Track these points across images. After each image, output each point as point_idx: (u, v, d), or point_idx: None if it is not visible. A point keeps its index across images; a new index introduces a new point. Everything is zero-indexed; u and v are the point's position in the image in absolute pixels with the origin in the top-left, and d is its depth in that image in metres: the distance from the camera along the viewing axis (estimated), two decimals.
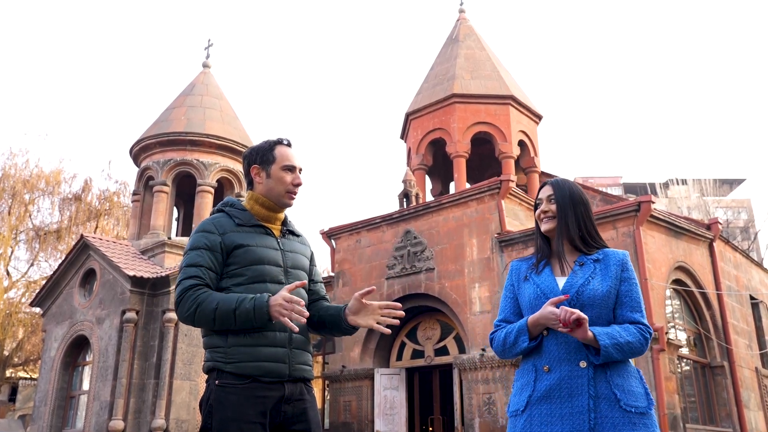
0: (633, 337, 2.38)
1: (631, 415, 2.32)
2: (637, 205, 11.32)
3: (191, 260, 2.59)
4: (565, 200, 2.60)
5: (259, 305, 2.43)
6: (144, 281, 13.85)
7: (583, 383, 2.35)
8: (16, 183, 24.61)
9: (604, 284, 2.46)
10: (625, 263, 2.53)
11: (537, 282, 2.55)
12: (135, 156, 17.01)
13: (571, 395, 2.35)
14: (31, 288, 25.18)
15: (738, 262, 14.94)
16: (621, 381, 2.37)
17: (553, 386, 2.39)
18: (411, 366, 14.15)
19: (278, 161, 2.75)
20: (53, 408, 14.69)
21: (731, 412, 12.55)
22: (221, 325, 2.47)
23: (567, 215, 2.58)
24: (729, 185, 47.80)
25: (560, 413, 2.35)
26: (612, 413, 2.32)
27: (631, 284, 2.50)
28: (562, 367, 2.39)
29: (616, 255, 2.54)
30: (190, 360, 13.74)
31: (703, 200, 35.10)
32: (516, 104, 16.50)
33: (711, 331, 12.92)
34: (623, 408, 2.32)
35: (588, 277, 2.48)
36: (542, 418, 2.38)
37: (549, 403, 2.38)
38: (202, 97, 17.20)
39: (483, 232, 12.97)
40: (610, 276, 2.48)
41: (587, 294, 2.44)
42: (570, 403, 2.34)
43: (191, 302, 2.49)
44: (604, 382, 2.35)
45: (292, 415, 2.56)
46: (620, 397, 2.33)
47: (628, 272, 2.51)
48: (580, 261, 2.54)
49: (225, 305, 2.45)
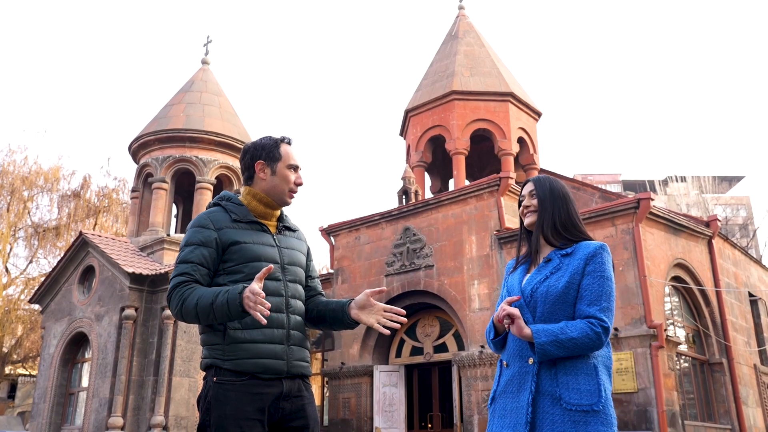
0: (578, 333, 2.32)
1: (573, 413, 2.28)
2: (637, 203, 11.32)
3: (183, 257, 2.60)
4: (545, 194, 2.62)
5: (232, 298, 2.37)
6: (143, 278, 13.85)
7: (528, 379, 2.38)
8: (15, 180, 24.58)
9: (561, 280, 2.43)
10: (594, 256, 2.44)
11: (507, 281, 2.65)
12: (134, 153, 16.99)
13: (519, 390, 2.40)
14: (30, 285, 25.16)
15: (737, 260, 14.95)
16: (567, 378, 2.34)
17: (509, 381, 2.46)
18: (410, 363, 14.16)
19: (284, 159, 2.75)
20: (52, 405, 14.69)
21: (730, 408, 12.57)
22: (205, 319, 2.46)
23: (545, 209, 2.60)
24: (728, 182, 47.83)
25: (511, 407, 2.41)
26: (552, 410, 2.31)
27: (594, 277, 2.41)
28: (515, 363, 2.46)
29: (587, 248, 2.48)
30: (189, 357, 13.74)
31: (702, 197, 35.09)
32: (515, 101, 16.49)
33: (710, 328, 12.94)
34: (563, 406, 2.30)
35: (548, 273, 2.48)
36: (498, 411, 2.47)
37: (504, 397, 2.46)
38: (201, 93, 17.17)
39: (482, 230, 12.97)
40: (570, 271, 2.44)
41: (540, 291, 2.45)
42: (517, 398, 2.40)
43: (177, 299, 2.50)
44: (549, 379, 2.35)
45: (290, 411, 2.55)
46: (562, 395, 2.31)
47: (594, 265, 2.43)
48: (548, 257, 2.55)
49: (204, 300, 2.43)
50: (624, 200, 12.09)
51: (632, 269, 11.08)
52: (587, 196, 16.23)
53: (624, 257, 11.21)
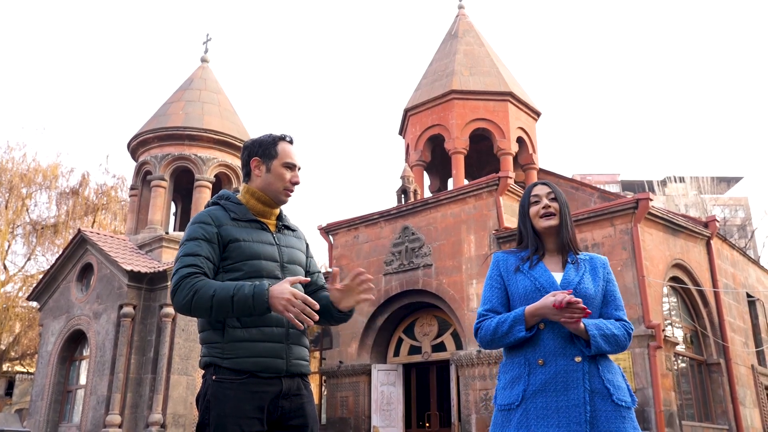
0: (618, 331, 2.49)
1: (622, 408, 2.42)
2: (635, 203, 11.33)
3: (189, 250, 2.55)
4: (563, 200, 2.72)
5: (258, 293, 2.37)
6: (141, 276, 13.84)
7: (579, 377, 2.41)
8: (14, 177, 24.52)
9: (593, 284, 2.59)
10: (608, 266, 2.71)
11: (534, 276, 2.59)
12: (133, 150, 16.97)
13: (567, 389, 2.40)
14: (28, 282, 25.11)
15: (735, 260, 14.97)
16: (611, 376, 2.47)
17: (549, 380, 2.43)
18: (408, 362, 14.17)
19: (280, 157, 2.74)
20: (50, 402, 14.68)
21: (727, 409, 12.59)
22: (218, 313, 2.42)
23: (566, 215, 2.69)
24: (726, 183, 47.85)
25: (556, 406, 2.39)
26: (605, 407, 2.40)
27: (615, 286, 2.66)
28: (557, 361, 2.44)
29: (600, 259, 2.71)
30: (187, 355, 13.73)
31: (700, 198, 35.12)
32: (515, 101, 16.49)
33: (708, 328, 12.96)
34: (615, 402, 2.41)
35: (582, 275, 2.58)
36: (538, 411, 2.41)
37: (545, 396, 2.42)
38: (200, 91, 17.16)
39: (481, 229, 12.97)
40: (598, 277, 2.62)
41: (582, 291, 2.52)
42: (566, 396, 2.39)
43: (188, 290, 2.44)
44: (597, 377, 2.44)
45: (289, 410, 2.55)
46: (612, 391, 2.42)
47: (611, 275, 2.68)
48: (572, 259, 2.63)
49: (222, 292, 2.39)
50: (623, 200, 12.10)
51: (631, 269, 11.10)
52: (586, 196, 16.23)
53: (622, 257, 11.22)
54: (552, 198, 2.70)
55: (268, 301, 2.36)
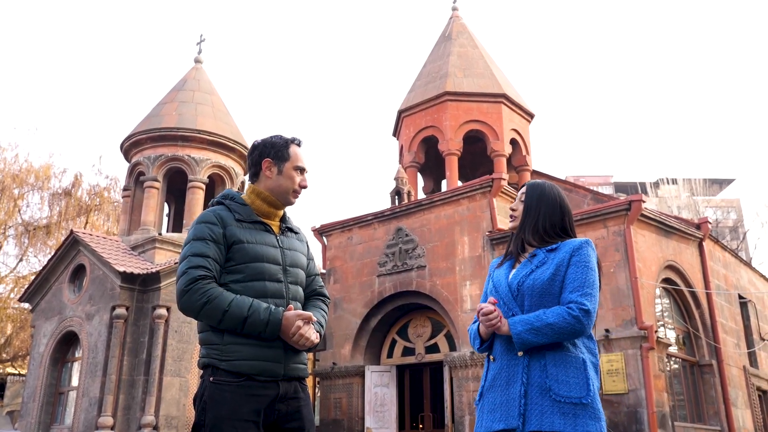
0: (554, 318, 2.37)
1: (562, 404, 2.33)
2: (628, 204, 11.37)
3: (197, 250, 2.54)
4: (532, 201, 2.68)
5: (274, 321, 2.48)
6: (134, 277, 13.79)
7: (518, 372, 2.43)
8: (5, 177, 24.39)
9: (546, 272, 2.50)
10: (578, 249, 2.52)
11: (494, 277, 2.69)
12: (126, 151, 16.90)
13: (508, 384, 2.44)
14: (20, 283, 24.97)
15: (727, 262, 15.04)
16: (557, 371, 2.39)
17: (496, 375, 2.50)
18: (402, 363, 14.16)
19: (292, 160, 2.76)
20: (42, 404, 14.60)
21: (719, 410, 12.64)
22: (226, 325, 2.47)
23: (529, 215, 2.67)
24: (719, 185, 48.06)
25: (500, 401, 2.44)
26: (541, 401, 2.35)
27: (579, 267, 2.48)
28: (503, 357, 2.49)
29: (572, 243, 2.56)
30: (180, 356, 13.69)
31: (693, 200, 35.26)
32: (508, 103, 16.52)
33: (700, 329, 13.01)
34: (552, 397, 2.35)
35: (533, 267, 2.55)
36: (487, 406, 2.49)
37: (492, 392, 2.49)
38: (193, 92, 17.11)
39: (474, 230, 12.99)
40: (555, 264, 2.51)
41: (527, 284, 2.51)
42: (507, 392, 2.43)
43: (200, 295, 2.44)
44: (539, 371, 2.40)
45: (286, 413, 2.55)
46: (551, 386, 2.36)
47: (578, 257, 2.50)
48: (533, 253, 2.61)
49: (237, 309, 2.45)
50: (615, 202, 12.14)
51: (623, 271, 11.13)
52: (579, 198, 16.28)
53: (615, 259, 11.26)
54: (522, 200, 2.73)
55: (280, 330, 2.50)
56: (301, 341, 2.52)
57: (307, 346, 2.55)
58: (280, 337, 2.53)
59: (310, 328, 2.56)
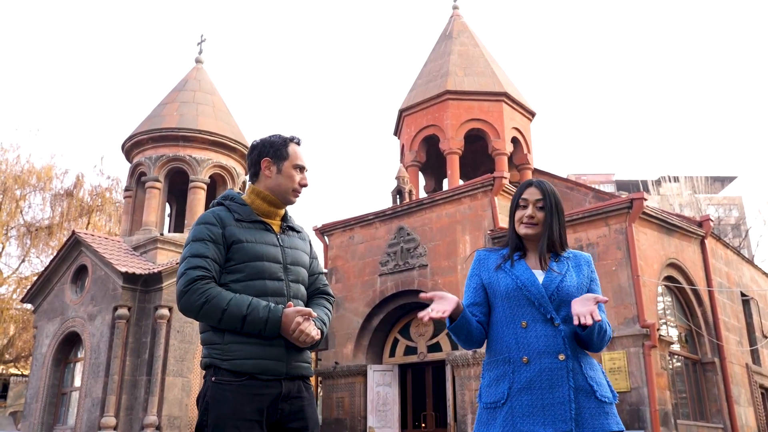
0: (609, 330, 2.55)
1: (604, 404, 2.45)
2: (630, 202, 11.36)
3: (196, 251, 2.55)
4: (552, 208, 2.66)
5: (273, 319, 2.47)
6: (136, 277, 13.80)
7: (563, 375, 2.44)
8: (7, 178, 24.43)
9: (576, 281, 2.59)
10: (592, 264, 2.72)
11: (515, 274, 2.60)
12: (127, 152, 16.91)
13: (552, 386, 2.43)
14: (22, 284, 25.02)
15: (729, 259, 15.02)
16: (593, 373, 2.51)
17: (534, 378, 2.46)
18: (404, 362, 14.16)
19: (291, 159, 2.76)
20: (44, 405, 14.62)
21: (722, 407, 12.62)
22: (226, 325, 2.47)
23: (552, 224, 2.65)
24: (721, 183, 48.05)
25: (542, 403, 2.42)
26: (589, 403, 2.43)
27: (598, 285, 2.69)
28: (542, 359, 2.46)
29: (584, 256, 2.72)
30: (182, 357, 13.70)
31: (694, 197, 35.22)
32: (509, 101, 16.50)
33: (702, 327, 12.99)
34: (598, 398, 2.45)
35: (564, 273, 2.60)
36: (524, 409, 2.43)
37: (530, 394, 2.44)
38: (194, 92, 17.12)
39: (476, 229, 12.98)
40: (582, 274, 2.64)
41: (565, 289, 2.54)
42: (551, 394, 2.43)
43: (199, 295, 2.45)
44: (581, 374, 2.47)
45: (289, 412, 2.54)
46: (595, 388, 2.46)
47: (594, 274, 2.71)
48: (555, 257, 2.65)
49: (236, 308, 2.44)
50: (617, 200, 12.12)
51: (625, 269, 11.12)
52: (581, 196, 16.26)
53: (617, 257, 11.25)
54: (540, 206, 2.66)
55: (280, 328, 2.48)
56: (301, 338, 2.49)
57: (308, 342, 2.53)
58: (282, 336, 2.53)
59: (311, 324, 2.53)
